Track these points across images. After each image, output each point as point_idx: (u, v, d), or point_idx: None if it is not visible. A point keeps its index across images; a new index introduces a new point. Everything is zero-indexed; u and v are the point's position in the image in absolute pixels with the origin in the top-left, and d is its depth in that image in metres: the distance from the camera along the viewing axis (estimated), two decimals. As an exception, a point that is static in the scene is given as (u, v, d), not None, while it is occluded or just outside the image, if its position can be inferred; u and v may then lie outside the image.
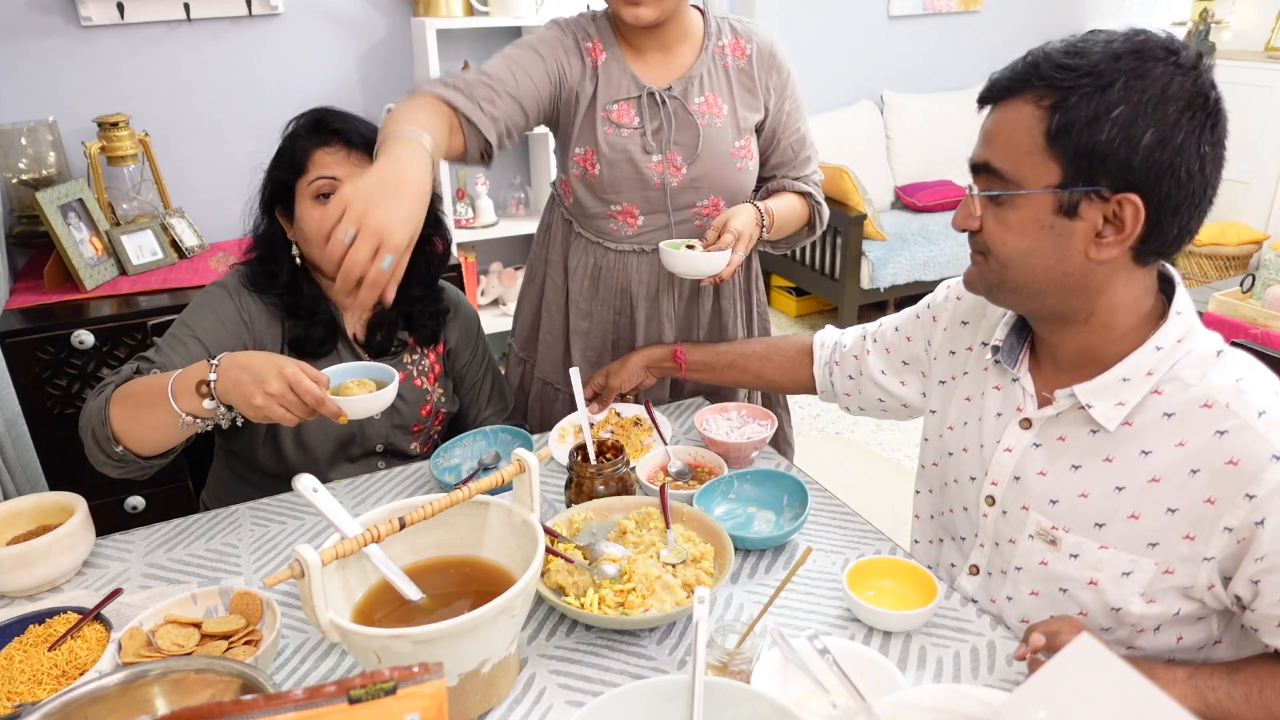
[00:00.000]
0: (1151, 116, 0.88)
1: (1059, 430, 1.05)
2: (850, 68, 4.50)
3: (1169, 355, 0.97)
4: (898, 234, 4.11)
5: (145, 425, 1.23)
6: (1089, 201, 0.92)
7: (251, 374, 1.14)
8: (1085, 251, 0.95)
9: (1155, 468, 0.97)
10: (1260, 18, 4.75)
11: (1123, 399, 0.99)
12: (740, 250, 1.47)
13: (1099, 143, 0.89)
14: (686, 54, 1.54)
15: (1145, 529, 0.97)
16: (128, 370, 1.30)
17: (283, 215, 1.44)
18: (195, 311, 1.41)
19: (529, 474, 1.02)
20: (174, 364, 1.31)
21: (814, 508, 1.31)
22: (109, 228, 2.48)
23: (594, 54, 1.52)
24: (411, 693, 0.59)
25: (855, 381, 1.40)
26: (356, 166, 1.38)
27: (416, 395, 1.54)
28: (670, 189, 1.55)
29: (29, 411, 2.20)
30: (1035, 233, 0.96)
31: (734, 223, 1.48)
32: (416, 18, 2.96)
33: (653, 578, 1.07)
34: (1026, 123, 0.93)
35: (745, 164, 1.58)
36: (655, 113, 1.51)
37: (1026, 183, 0.95)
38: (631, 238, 1.59)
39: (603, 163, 1.52)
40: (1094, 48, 0.91)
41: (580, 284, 1.65)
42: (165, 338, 1.38)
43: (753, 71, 1.56)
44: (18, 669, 0.98)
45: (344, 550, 0.89)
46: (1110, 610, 1.01)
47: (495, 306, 3.45)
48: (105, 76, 2.69)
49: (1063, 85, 0.91)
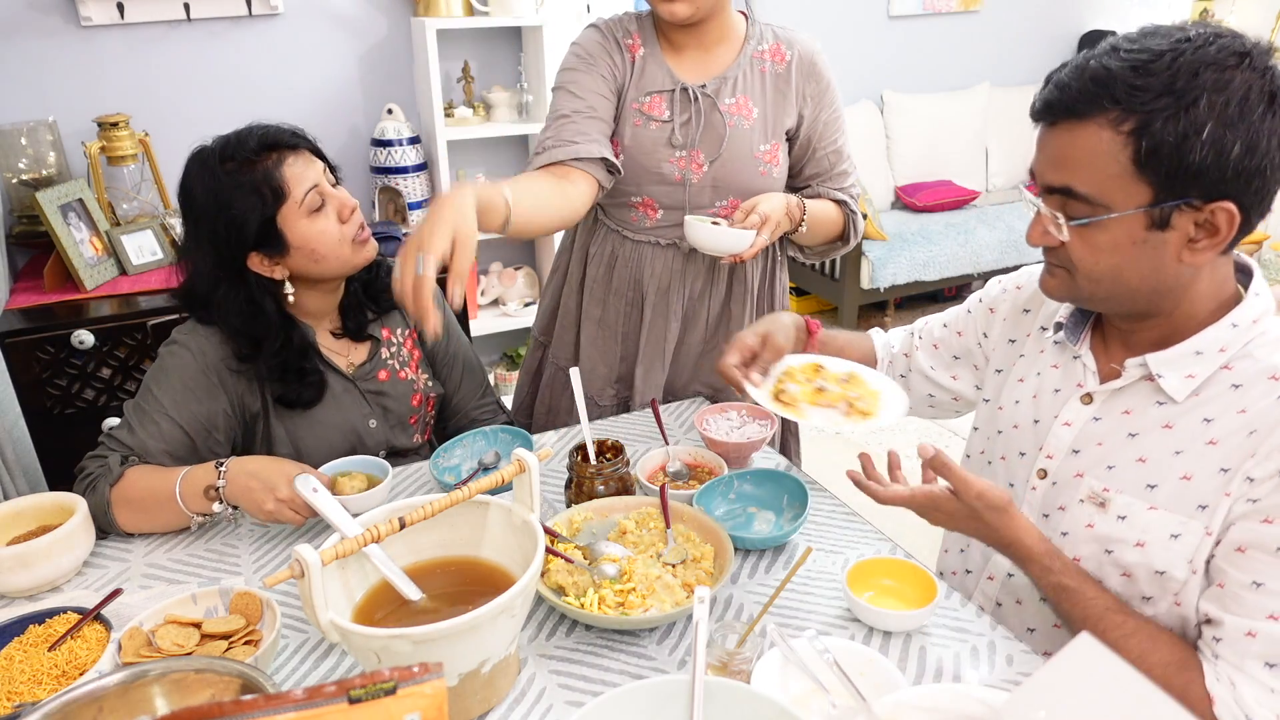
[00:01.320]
0: (1239, 128, 0.88)
1: (1123, 404, 1.05)
2: (850, 68, 4.50)
3: (1243, 333, 0.98)
4: (898, 234, 4.11)
5: (155, 524, 1.30)
6: (1180, 212, 0.92)
7: (261, 481, 1.22)
8: (1179, 257, 0.95)
9: (1215, 431, 0.97)
10: (1260, 18, 4.75)
11: (1193, 371, 0.99)
12: (765, 234, 1.47)
13: (1190, 162, 0.88)
14: (725, 55, 1.56)
15: (1196, 490, 0.97)
16: (114, 463, 1.29)
17: (263, 257, 1.34)
18: (161, 379, 1.34)
19: (529, 474, 1.02)
20: (149, 449, 1.31)
21: (814, 508, 1.31)
22: (109, 228, 2.48)
23: (633, 49, 1.55)
24: (411, 693, 0.59)
25: (905, 380, 1.40)
26: (311, 166, 1.35)
27: (404, 387, 1.54)
28: (690, 186, 1.56)
29: (29, 411, 2.20)
30: (1127, 249, 0.95)
31: (763, 205, 1.48)
32: (416, 18, 2.96)
33: (653, 578, 1.07)
34: (1108, 148, 0.91)
35: (769, 169, 1.58)
36: (686, 108, 1.54)
37: (1116, 205, 0.93)
38: (650, 229, 1.62)
39: (626, 154, 1.54)
40: (1162, 61, 0.89)
41: (596, 270, 1.68)
42: (134, 412, 1.33)
43: (790, 78, 1.57)
44: (18, 669, 0.98)
45: (344, 550, 0.89)
46: (1155, 574, 1.00)
47: (495, 306, 3.45)
48: (105, 76, 2.69)
49: (1142, 109, 0.89)
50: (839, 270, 4.03)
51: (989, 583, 1.21)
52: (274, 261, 1.35)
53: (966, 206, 4.45)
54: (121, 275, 2.47)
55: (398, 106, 3.01)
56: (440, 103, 2.95)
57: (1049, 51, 4.98)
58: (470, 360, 1.68)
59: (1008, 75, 4.85)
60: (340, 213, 1.36)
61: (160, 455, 1.32)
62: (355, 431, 1.47)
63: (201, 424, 1.35)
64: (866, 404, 1.22)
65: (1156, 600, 1.01)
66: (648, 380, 1.70)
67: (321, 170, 1.37)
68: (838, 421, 1.19)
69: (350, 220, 1.37)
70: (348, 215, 1.37)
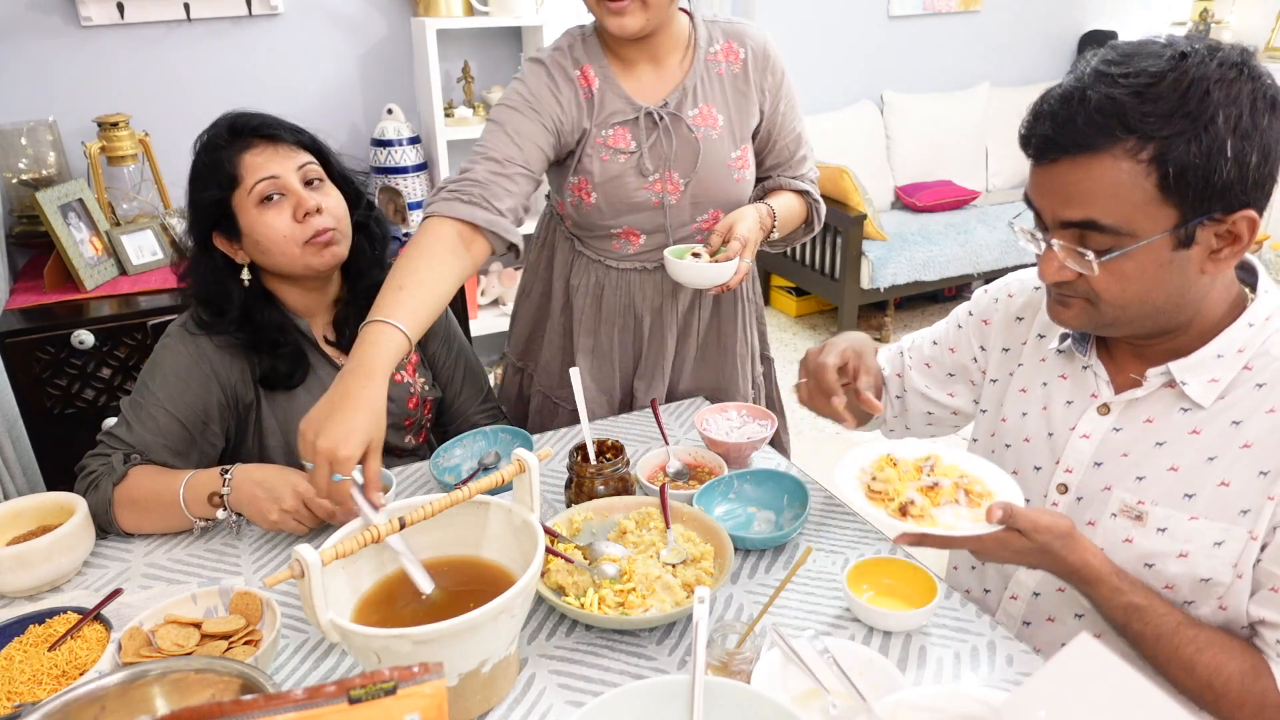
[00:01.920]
0: (1253, 138, 0.88)
1: (1145, 412, 1.04)
2: (850, 68, 4.50)
3: (1260, 331, 0.99)
4: (898, 234, 4.11)
5: (156, 525, 1.31)
6: (1203, 227, 0.92)
7: (267, 491, 1.23)
8: (1202, 269, 0.95)
9: (1247, 434, 0.97)
10: (1260, 18, 4.75)
11: (1216, 375, 0.99)
12: (746, 258, 1.45)
13: (1215, 180, 0.88)
14: (679, 65, 1.51)
15: (1236, 495, 0.97)
16: (118, 462, 1.29)
17: (223, 238, 1.37)
18: (156, 373, 1.36)
19: (529, 474, 1.02)
20: (148, 444, 1.32)
21: (814, 508, 1.30)
22: (109, 228, 2.48)
23: (586, 81, 1.47)
24: (411, 693, 0.59)
25: (901, 400, 1.37)
26: (287, 159, 1.35)
27: (400, 391, 1.53)
28: (669, 207, 1.53)
29: (29, 412, 2.20)
30: (1155, 272, 0.94)
31: (739, 228, 1.45)
32: (416, 18, 2.96)
33: (653, 578, 1.07)
34: (1129, 178, 0.90)
35: (742, 174, 1.56)
36: (652, 131, 1.48)
37: (1142, 232, 0.92)
38: (634, 256, 1.58)
39: (598, 191, 1.50)
40: (1165, 82, 0.88)
41: (583, 302, 1.63)
42: (131, 408, 1.34)
43: (749, 75, 1.53)
44: (18, 669, 0.98)
45: (344, 550, 0.89)
46: (1199, 581, 0.99)
47: (495, 306, 3.45)
48: (105, 76, 2.69)
49: (1159, 135, 0.88)
50: (839, 270, 4.03)
51: (1013, 602, 1.19)
52: (233, 244, 1.37)
53: (966, 206, 4.45)
54: (121, 275, 2.47)
55: (398, 106, 3.00)
56: (440, 103, 2.95)
57: (1049, 51, 4.98)
58: (472, 365, 1.67)
59: (1008, 75, 4.85)
60: (295, 211, 1.34)
61: (159, 449, 1.33)
62: None
63: (198, 415, 1.36)
64: (971, 483, 1.10)
65: (1199, 604, 1.01)
66: (648, 395, 1.69)
67: (299, 165, 1.36)
68: (969, 522, 1.04)
69: (306, 222, 1.34)
70: (301, 216, 1.34)
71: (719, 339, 1.70)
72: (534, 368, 1.76)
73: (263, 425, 1.43)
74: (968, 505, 1.06)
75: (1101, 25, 5.00)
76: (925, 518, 1.04)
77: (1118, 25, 5.01)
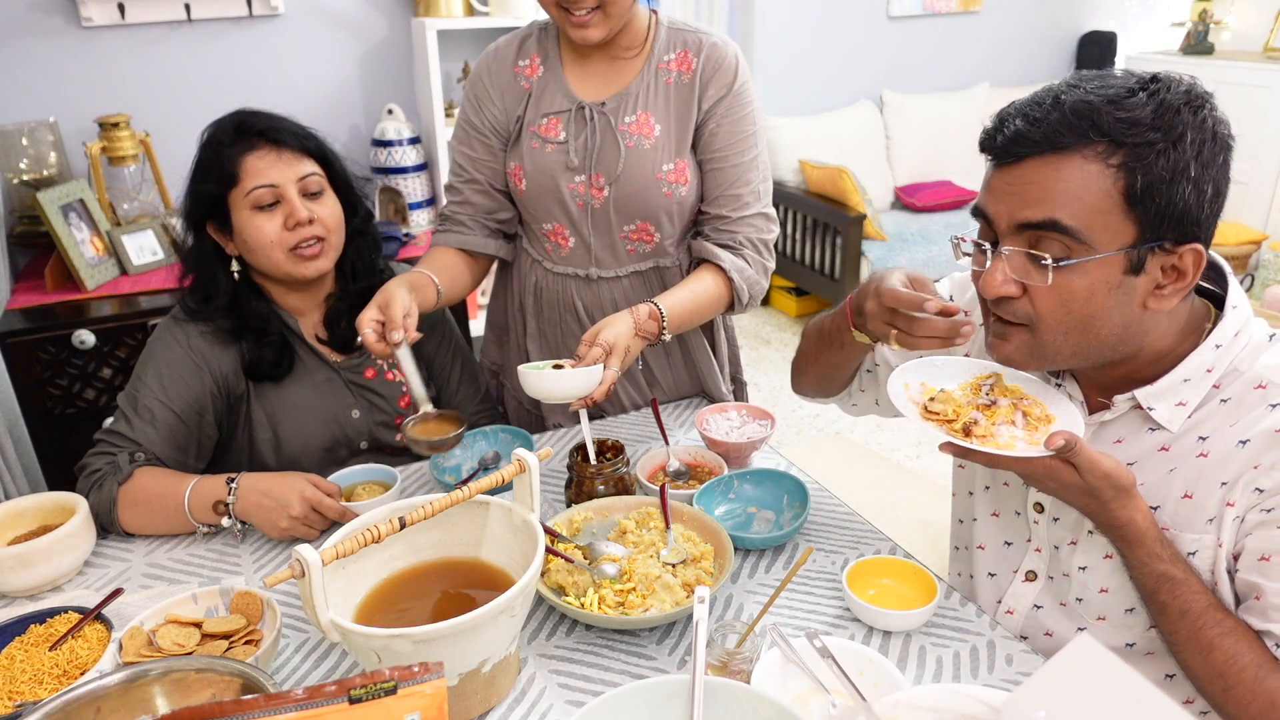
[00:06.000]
0: (1211, 169, 0.88)
1: (1115, 433, 1.04)
2: (850, 68, 4.50)
3: (1228, 351, 0.98)
4: (897, 234, 4.11)
5: (159, 527, 1.31)
6: (1154, 255, 0.91)
7: (274, 499, 1.24)
8: (1144, 304, 0.94)
9: (1207, 446, 0.97)
10: (1259, 18, 4.74)
11: (1184, 399, 0.99)
12: (614, 365, 1.27)
13: (1176, 202, 0.88)
14: (631, 68, 1.46)
15: (1199, 506, 0.97)
16: (123, 461, 1.30)
17: (216, 230, 1.39)
18: (149, 367, 1.37)
19: (529, 474, 1.02)
20: (148, 438, 1.33)
21: (814, 508, 1.31)
22: (110, 228, 2.48)
23: (529, 72, 1.49)
24: (412, 692, 0.59)
25: (872, 375, 1.34)
26: (290, 167, 1.35)
27: (392, 389, 1.53)
28: (592, 210, 1.49)
29: (29, 411, 2.20)
30: (1103, 296, 0.92)
31: (605, 334, 1.30)
32: (416, 18, 2.96)
33: (653, 578, 1.07)
34: (1096, 183, 0.88)
35: (675, 189, 1.46)
36: (581, 128, 1.45)
37: (1099, 244, 0.90)
38: (566, 260, 1.55)
39: (529, 179, 1.49)
40: (1138, 97, 0.88)
41: (524, 301, 1.62)
42: (128, 401, 1.36)
43: (695, 85, 1.44)
44: (19, 668, 0.98)
45: (344, 550, 0.89)
46: None
47: (495, 306, 3.45)
48: (106, 77, 2.69)
49: (1131, 141, 0.87)
50: (838, 270, 4.03)
51: (1009, 617, 1.17)
52: (225, 237, 1.39)
53: (966, 207, 4.45)
54: (122, 275, 2.47)
55: (398, 106, 3.01)
56: (440, 103, 2.94)
57: (1048, 52, 4.98)
58: (468, 366, 1.67)
59: (1007, 75, 4.85)
60: (286, 220, 1.35)
61: (159, 442, 1.34)
62: (336, 420, 1.47)
63: (193, 406, 1.37)
64: (1031, 405, 1.06)
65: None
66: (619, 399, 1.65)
67: (300, 176, 1.36)
68: (1024, 445, 1.01)
69: (295, 231, 1.35)
70: (292, 225, 1.35)
71: (688, 358, 1.65)
72: (503, 370, 1.74)
73: (252, 419, 1.43)
74: (1024, 428, 1.03)
75: (1101, 26, 5.00)
76: (988, 437, 1.01)
77: (1117, 25, 5.01)
